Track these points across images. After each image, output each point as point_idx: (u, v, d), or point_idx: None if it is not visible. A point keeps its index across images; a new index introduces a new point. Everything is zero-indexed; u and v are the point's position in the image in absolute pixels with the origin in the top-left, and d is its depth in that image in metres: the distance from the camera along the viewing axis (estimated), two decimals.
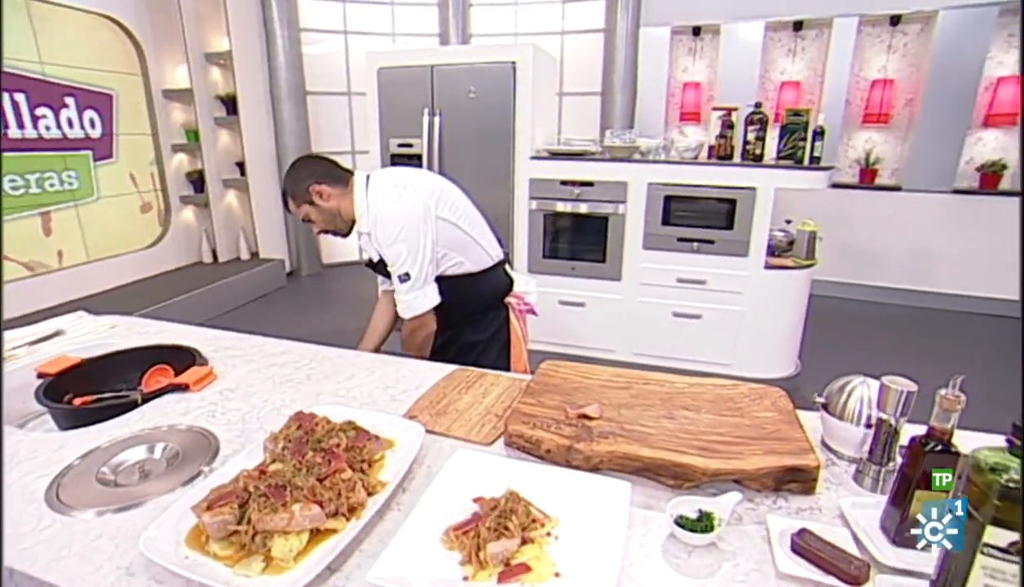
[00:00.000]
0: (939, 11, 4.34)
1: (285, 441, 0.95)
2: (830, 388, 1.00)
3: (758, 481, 0.87)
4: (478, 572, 0.70)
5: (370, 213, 1.57)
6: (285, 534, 0.75)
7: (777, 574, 0.72)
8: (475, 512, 0.79)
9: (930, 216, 4.71)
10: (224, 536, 0.75)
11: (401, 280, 1.56)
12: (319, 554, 0.74)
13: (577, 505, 0.82)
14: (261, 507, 0.76)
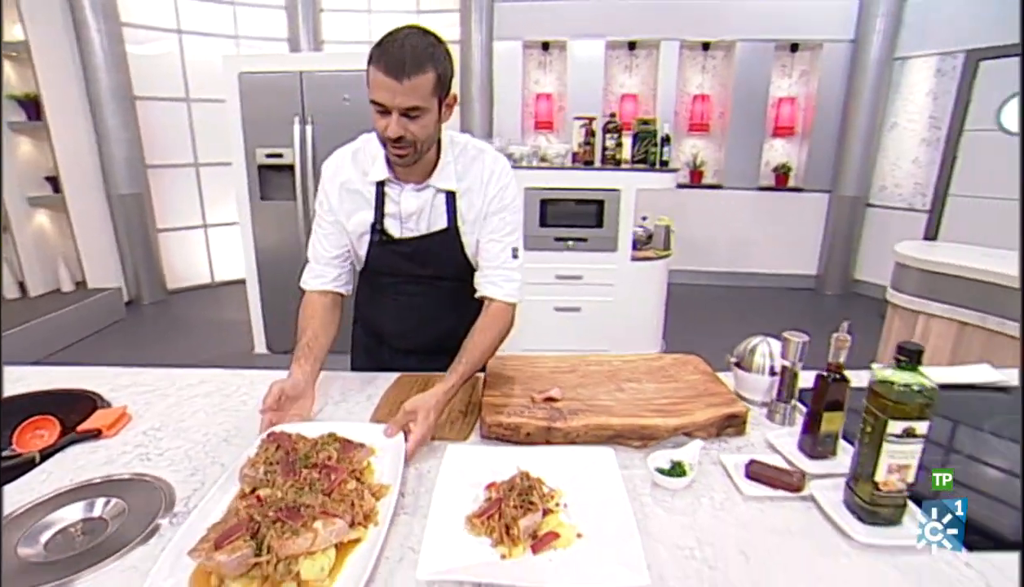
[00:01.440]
0: (736, 42, 5.22)
1: (266, 465, 0.91)
2: (739, 349, 1.23)
3: (705, 430, 1.05)
4: (512, 549, 0.77)
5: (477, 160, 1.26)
6: (311, 555, 0.73)
7: (744, 498, 0.89)
8: (490, 497, 0.85)
9: (744, 209, 5.62)
10: (244, 572, 0.72)
11: (514, 255, 1.29)
12: (356, 564, 0.74)
13: (573, 476, 0.92)
14: (279, 533, 0.73)
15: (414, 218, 1.27)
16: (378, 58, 1.05)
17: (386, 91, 1.05)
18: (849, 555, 0.78)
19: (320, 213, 1.32)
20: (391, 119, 1.07)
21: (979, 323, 2.66)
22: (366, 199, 1.26)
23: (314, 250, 1.35)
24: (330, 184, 1.29)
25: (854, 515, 0.84)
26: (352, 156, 1.28)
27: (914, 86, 5.03)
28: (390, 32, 1.08)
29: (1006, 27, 4.36)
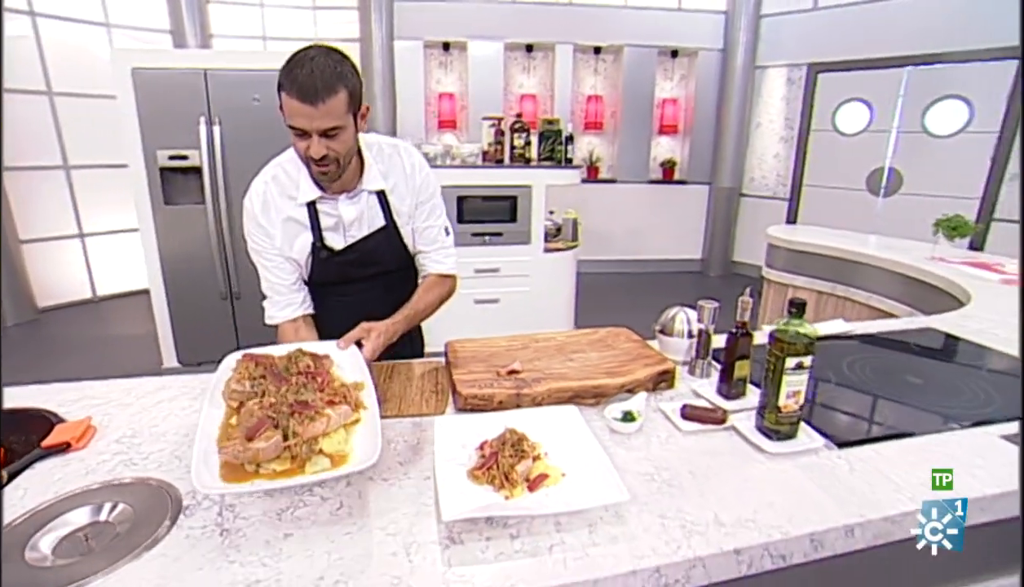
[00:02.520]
0: (624, 47, 5.66)
1: (251, 380, 1.01)
2: (662, 319, 1.46)
3: (644, 385, 1.26)
4: (512, 490, 0.92)
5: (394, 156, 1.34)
6: (327, 435, 0.91)
7: (683, 433, 1.11)
8: (485, 453, 0.99)
9: (636, 201, 6.12)
10: (278, 455, 0.86)
11: (446, 233, 1.46)
12: (364, 435, 0.95)
13: (546, 431, 1.08)
14: (299, 421, 0.89)
15: (356, 224, 1.34)
16: (289, 86, 1.08)
17: (302, 117, 1.09)
18: (763, 463, 1.02)
19: (260, 250, 1.32)
20: (312, 141, 1.12)
21: (831, 291, 3.20)
22: (301, 224, 1.30)
23: (270, 285, 1.35)
24: (265, 219, 1.29)
25: (764, 435, 1.08)
26: (274, 186, 1.29)
27: (772, 91, 5.77)
28: (294, 56, 1.11)
29: (838, 45, 5.17)
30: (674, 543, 0.82)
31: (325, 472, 0.87)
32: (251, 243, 1.33)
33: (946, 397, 1.32)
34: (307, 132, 1.11)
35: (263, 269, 1.34)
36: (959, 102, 4.73)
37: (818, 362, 1.52)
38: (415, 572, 0.77)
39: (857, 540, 0.89)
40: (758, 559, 0.84)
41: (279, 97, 1.11)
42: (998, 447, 1.10)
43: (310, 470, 0.87)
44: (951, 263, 2.76)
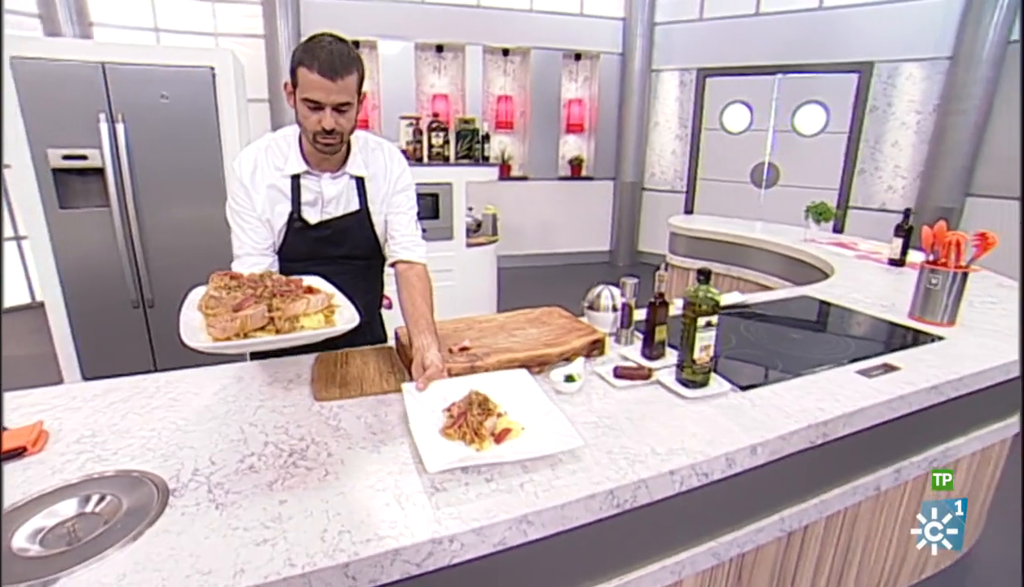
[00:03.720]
0: (531, 49, 5.91)
1: (227, 289, 1.12)
2: (589, 296, 1.65)
3: (580, 353, 1.44)
4: (482, 444, 1.05)
5: (377, 150, 1.48)
6: (307, 315, 1.05)
7: (617, 389, 1.30)
8: (453, 414, 1.11)
9: (547, 198, 6.40)
10: (264, 325, 1.00)
11: (418, 226, 1.55)
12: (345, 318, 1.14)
13: (503, 393, 1.22)
14: (283, 301, 1.03)
15: (334, 202, 1.44)
16: (311, 61, 1.21)
17: (322, 90, 1.22)
18: (684, 406, 1.23)
19: (240, 211, 1.40)
20: (325, 114, 1.25)
21: (726, 272, 3.60)
22: (283, 193, 1.40)
23: (241, 245, 1.42)
24: (251, 183, 1.38)
25: (683, 385, 1.29)
26: (266, 155, 1.39)
27: (667, 93, 6.27)
28: (312, 38, 1.25)
29: (722, 52, 5.74)
30: (622, 471, 1.00)
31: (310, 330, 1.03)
32: (233, 203, 1.41)
33: (818, 347, 1.62)
34: (322, 105, 1.24)
35: (239, 230, 1.41)
36: (819, 107, 5.44)
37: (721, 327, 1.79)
38: (409, 516, 0.89)
39: (759, 456, 1.11)
40: (688, 477, 1.03)
41: (293, 74, 1.25)
42: (854, 380, 1.39)
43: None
44: (820, 243, 3.22)
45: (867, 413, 1.27)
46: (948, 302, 1.82)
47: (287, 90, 1.30)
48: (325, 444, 1.10)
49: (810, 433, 1.18)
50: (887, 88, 5.06)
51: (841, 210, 5.38)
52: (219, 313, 0.99)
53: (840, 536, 1.50)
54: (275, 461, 1.04)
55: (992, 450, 1.80)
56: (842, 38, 5.13)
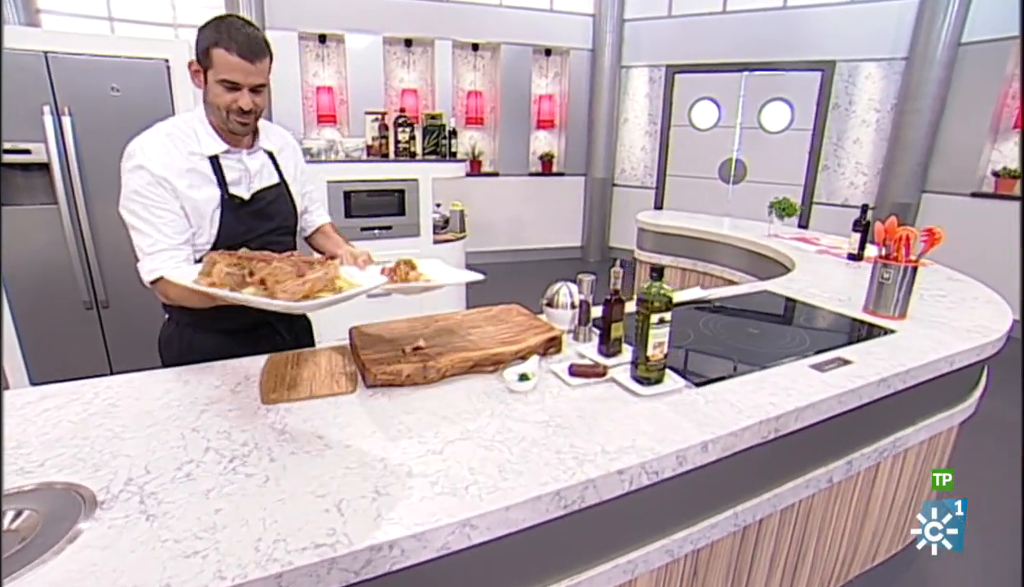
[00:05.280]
0: (501, 44, 5.87)
1: (237, 264, 1.12)
2: (547, 293, 1.64)
3: (536, 351, 1.43)
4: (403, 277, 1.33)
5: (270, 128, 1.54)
6: (339, 278, 1.18)
7: (571, 387, 1.29)
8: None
9: (518, 193, 6.39)
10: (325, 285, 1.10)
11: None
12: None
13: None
14: (322, 265, 1.12)
15: (258, 176, 1.46)
16: (229, 42, 1.23)
17: (240, 72, 1.25)
18: (638, 403, 1.23)
19: (151, 205, 1.29)
20: (242, 94, 1.28)
21: (693, 267, 3.64)
22: (205, 175, 1.35)
23: (155, 243, 1.30)
24: (164, 171, 1.29)
25: (638, 382, 1.29)
26: (171, 141, 1.32)
27: (637, 89, 6.31)
28: (221, 19, 1.27)
29: (690, 49, 5.79)
30: (570, 471, 0.99)
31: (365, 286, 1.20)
32: (138, 199, 1.29)
33: (775, 341, 1.64)
34: (239, 86, 1.27)
35: (148, 226, 1.30)
36: (783, 104, 5.54)
37: (680, 323, 1.80)
38: (349, 522, 0.86)
39: (711, 453, 1.12)
40: (637, 476, 1.03)
41: (205, 54, 1.25)
42: (808, 374, 1.41)
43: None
44: (783, 238, 3.27)
45: (818, 407, 1.28)
46: (899, 296, 1.86)
47: (193, 70, 1.30)
48: (269, 449, 1.07)
49: (762, 428, 1.19)
50: (848, 86, 5.18)
51: (806, 206, 5.49)
52: (283, 279, 1.05)
53: (794, 528, 1.52)
54: (214, 468, 1.00)
55: (939, 439, 1.85)
56: (805, 37, 5.23)
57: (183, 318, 1.49)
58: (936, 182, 4.80)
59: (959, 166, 4.61)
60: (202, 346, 1.49)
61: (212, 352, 1.46)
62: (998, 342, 1.75)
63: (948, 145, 4.68)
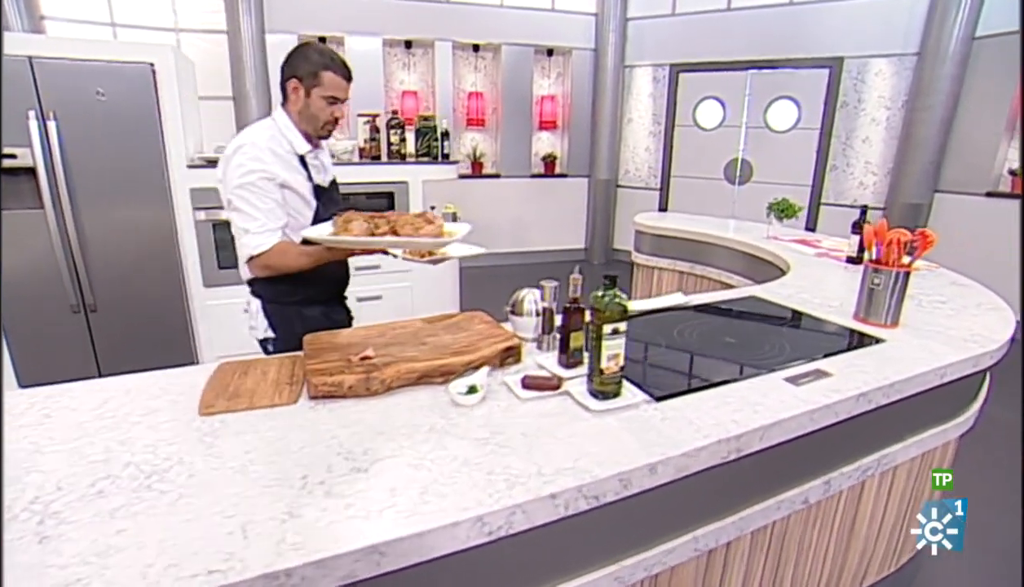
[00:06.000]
0: (502, 45, 5.82)
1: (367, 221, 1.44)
2: (512, 300, 1.57)
3: (491, 362, 1.36)
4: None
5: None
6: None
7: (521, 401, 1.22)
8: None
9: (520, 195, 6.32)
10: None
11: None
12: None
13: None
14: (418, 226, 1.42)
15: (326, 171, 1.78)
16: (334, 66, 1.57)
17: (342, 90, 1.60)
18: (589, 420, 1.15)
19: (261, 195, 1.55)
20: (338, 107, 1.63)
21: (690, 270, 3.54)
22: (298, 169, 1.64)
23: (262, 225, 1.56)
24: (276, 168, 1.57)
25: (594, 396, 1.21)
26: (273, 142, 1.59)
27: (641, 89, 6.20)
28: (316, 46, 1.60)
29: (694, 48, 5.67)
30: (497, 494, 0.92)
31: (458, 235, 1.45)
32: (255, 189, 1.55)
33: (752, 351, 1.55)
34: (338, 101, 1.61)
35: (257, 211, 1.55)
36: (790, 102, 5.39)
37: (654, 331, 1.72)
38: (250, 546, 0.80)
39: (660, 476, 1.04)
40: (574, 501, 0.96)
41: (314, 76, 1.56)
42: (781, 388, 1.32)
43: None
44: (782, 240, 3.16)
45: (786, 425, 1.20)
46: (891, 303, 1.77)
47: (293, 87, 1.58)
48: (191, 464, 1.02)
49: (720, 449, 1.11)
50: (857, 84, 5.02)
51: (813, 207, 5.34)
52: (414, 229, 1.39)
53: (768, 550, 1.43)
54: (129, 484, 0.96)
55: (933, 455, 1.75)
56: (812, 33, 5.09)
57: (268, 293, 1.73)
58: (949, 182, 4.63)
59: (974, 165, 4.44)
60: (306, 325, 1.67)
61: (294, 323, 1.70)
62: (997, 352, 1.65)
63: (962, 143, 4.51)
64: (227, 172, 1.56)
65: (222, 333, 3.30)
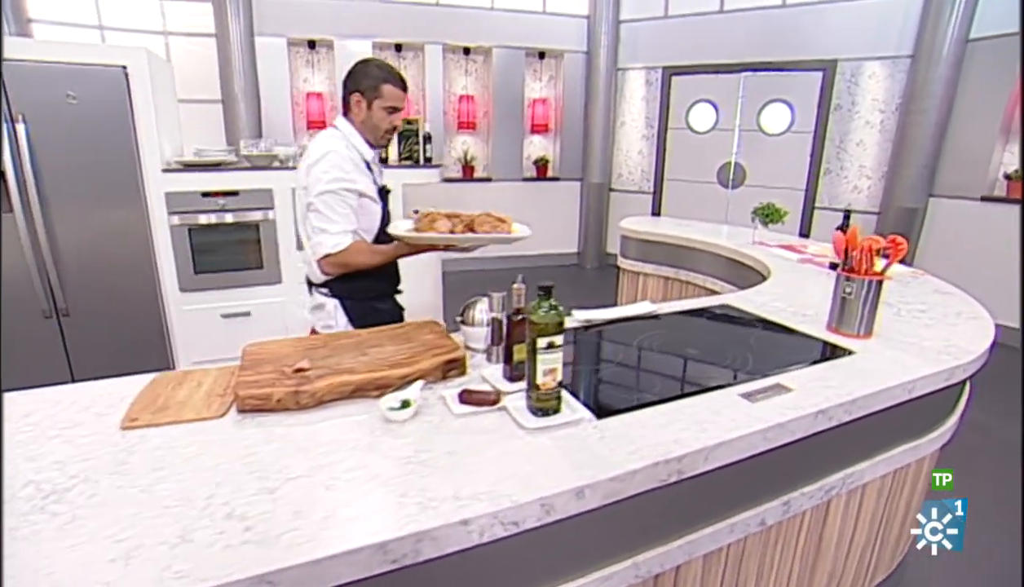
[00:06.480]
0: (493, 48, 5.78)
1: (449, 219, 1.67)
2: (463, 309, 1.52)
3: (432, 374, 1.31)
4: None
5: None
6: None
7: (455, 416, 1.16)
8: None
9: (512, 199, 6.27)
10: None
11: None
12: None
13: None
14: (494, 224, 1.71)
15: (382, 174, 1.95)
16: (393, 79, 1.74)
17: (400, 100, 1.77)
18: (523, 438, 1.10)
19: (342, 201, 1.70)
20: (397, 115, 1.78)
21: (675, 276, 3.48)
22: (365, 172, 1.79)
23: (342, 228, 1.70)
24: (355, 176, 1.72)
25: (532, 413, 1.16)
26: (348, 152, 1.73)
27: (633, 92, 6.15)
28: (378, 61, 1.78)
29: (687, 50, 5.62)
30: (405, 520, 0.86)
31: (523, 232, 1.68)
32: (337, 196, 1.69)
33: (712, 364, 1.49)
34: (397, 109, 1.77)
35: (337, 215, 1.70)
36: (784, 105, 5.32)
37: (613, 341, 1.66)
38: (129, 575, 0.75)
39: (589, 500, 0.98)
40: (489, 528, 0.90)
41: (375, 89, 1.71)
42: (736, 404, 1.26)
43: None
44: (768, 246, 3.10)
45: (734, 445, 1.13)
46: (863, 312, 1.70)
47: (356, 101, 1.74)
48: (96, 483, 0.97)
49: (658, 471, 1.04)
50: (851, 86, 4.95)
51: (807, 211, 5.27)
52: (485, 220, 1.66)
53: (724, 574, 1.36)
54: (23, 506, 0.91)
55: (906, 471, 1.68)
56: (806, 35, 5.02)
57: (347, 292, 1.84)
58: (944, 186, 4.54)
59: (969, 169, 4.36)
60: (361, 311, 1.85)
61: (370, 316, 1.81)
62: (972, 365, 1.58)
63: (957, 147, 4.43)
64: (311, 176, 1.70)
65: (199, 338, 3.26)
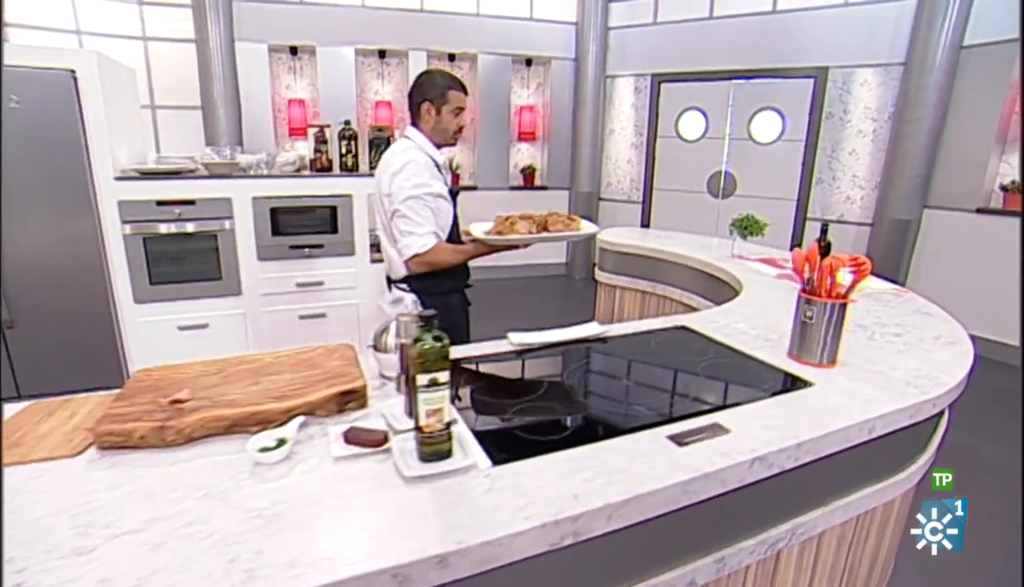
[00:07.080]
0: (478, 54, 5.68)
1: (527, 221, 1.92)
2: (375, 333, 1.39)
3: (324, 407, 1.18)
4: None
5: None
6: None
7: (334, 460, 1.03)
8: None
9: (498, 208, 6.11)
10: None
11: None
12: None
13: None
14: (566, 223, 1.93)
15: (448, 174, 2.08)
16: (455, 85, 1.91)
17: (463, 101, 1.94)
18: (399, 488, 0.96)
19: (426, 206, 1.88)
20: (463, 117, 1.96)
21: (651, 290, 3.33)
22: (438, 176, 1.95)
23: (428, 230, 1.88)
24: (433, 182, 1.89)
25: (419, 457, 1.02)
26: (424, 159, 1.90)
27: (622, 99, 6.03)
28: (440, 70, 1.97)
29: (676, 57, 5.49)
30: None
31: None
32: (422, 202, 1.87)
33: (648, 399, 1.36)
34: (462, 110, 1.93)
35: (422, 218, 1.87)
36: (775, 114, 5.18)
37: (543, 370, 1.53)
38: None
39: (456, 569, 0.84)
40: None
41: (442, 95, 1.88)
42: (662, 448, 1.11)
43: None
44: (747, 260, 2.95)
45: (647, 501, 0.99)
46: (825, 339, 1.56)
47: (426, 109, 1.89)
48: None
49: (547, 534, 0.90)
50: (843, 94, 4.80)
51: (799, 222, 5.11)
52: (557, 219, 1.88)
53: None
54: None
55: (872, 516, 1.52)
56: (797, 42, 4.89)
57: (425, 287, 2.00)
58: (939, 197, 4.38)
59: (963, 179, 4.19)
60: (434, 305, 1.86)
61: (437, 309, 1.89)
62: (942, 399, 1.43)
63: (951, 157, 4.27)
64: (394, 185, 1.85)
65: (153, 351, 3.15)
